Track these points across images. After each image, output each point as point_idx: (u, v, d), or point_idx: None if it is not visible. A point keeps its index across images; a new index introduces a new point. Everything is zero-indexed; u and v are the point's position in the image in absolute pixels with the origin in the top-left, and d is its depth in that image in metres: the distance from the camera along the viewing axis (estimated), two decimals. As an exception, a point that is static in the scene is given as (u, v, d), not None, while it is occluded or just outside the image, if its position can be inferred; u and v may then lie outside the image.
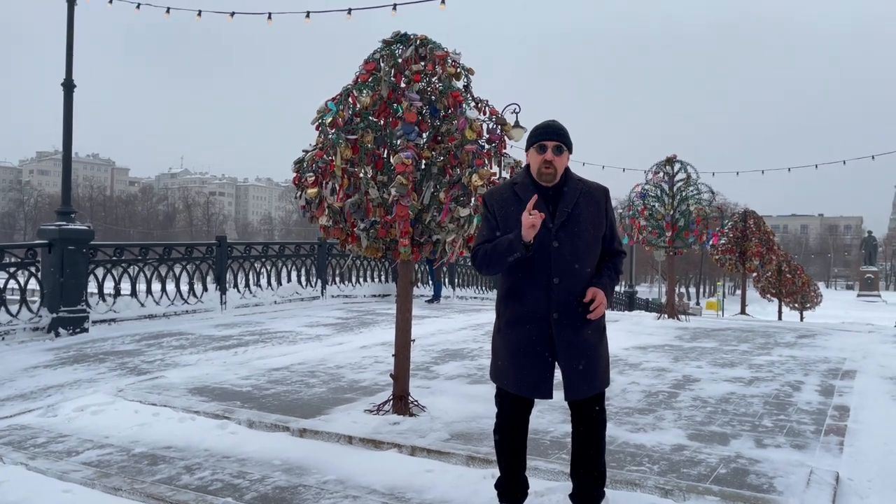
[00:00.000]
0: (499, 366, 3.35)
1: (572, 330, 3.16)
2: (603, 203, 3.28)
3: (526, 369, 3.21)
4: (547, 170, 3.18)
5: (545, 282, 3.13)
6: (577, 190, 3.24)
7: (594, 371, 3.23)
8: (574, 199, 3.21)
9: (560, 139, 3.20)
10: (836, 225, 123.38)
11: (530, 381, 3.22)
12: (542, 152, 3.19)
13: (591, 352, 3.22)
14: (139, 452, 4.57)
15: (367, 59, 5.09)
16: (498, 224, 3.24)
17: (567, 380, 3.19)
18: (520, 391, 3.26)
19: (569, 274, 3.15)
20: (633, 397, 5.87)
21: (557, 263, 3.14)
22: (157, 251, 11.60)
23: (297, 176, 5.06)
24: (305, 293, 13.99)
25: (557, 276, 3.14)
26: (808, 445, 4.58)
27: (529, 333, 3.19)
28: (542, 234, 3.13)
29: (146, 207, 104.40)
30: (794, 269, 26.58)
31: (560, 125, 3.27)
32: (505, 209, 3.24)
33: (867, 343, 9.29)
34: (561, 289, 3.14)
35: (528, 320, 3.19)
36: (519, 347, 3.22)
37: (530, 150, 3.25)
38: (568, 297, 3.14)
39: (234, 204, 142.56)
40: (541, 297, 3.14)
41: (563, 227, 3.16)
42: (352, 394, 5.97)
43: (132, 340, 8.99)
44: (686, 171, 12.30)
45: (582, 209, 3.20)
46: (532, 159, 3.25)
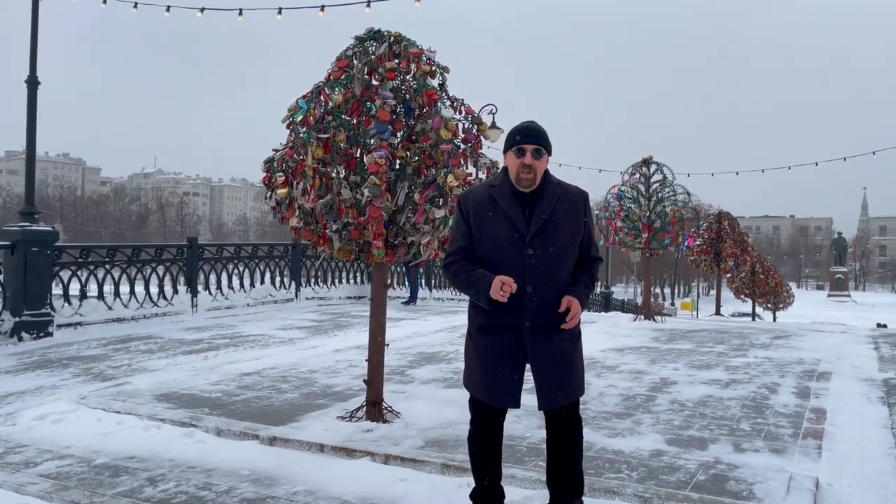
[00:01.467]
0: (470, 372, 3.26)
1: (545, 339, 3.07)
2: (581, 208, 3.18)
3: (496, 378, 3.12)
4: (526, 175, 3.07)
5: (518, 290, 3.01)
6: (555, 195, 3.13)
7: (568, 380, 3.14)
8: (551, 206, 3.10)
9: (539, 142, 3.10)
10: (807, 226, 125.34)
11: (500, 390, 3.13)
12: (521, 156, 3.07)
13: (564, 361, 3.12)
14: (101, 463, 4.38)
15: (339, 55, 4.96)
16: (471, 230, 3.15)
17: (540, 389, 3.11)
18: (489, 399, 3.18)
19: (543, 282, 3.05)
20: (610, 401, 5.80)
21: (531, 271, 3.04)
22: (126, 253, 11.33)
23: (267, 176, 4.91)
24: (279, 295, 13.78)
25: (531, 285, 3.04)
26: (787, 450, 4.53)
27: (501, 341, 3.09)
28: (515, 241, 3.05)
29: (118, 208, 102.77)
30: (767, 270, 26.88)
31: (539, 126, 3.16)
32: (480, 214, 3.14)
33: (841, 344, 9.35)
34: (534, 297, 3.04)
35: (499, 328, 3.09)
36: (489, 355, 3.13)
37: (508, 152, 3.14)
38: (541, 306, 3.05)
39: (209, 204, 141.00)
40: (513, 304, 3.03)
41: (539, 235, 3.06)
42: (325, 399, 5.82)
43: (98, 345, 8.74)
44: (662, 173, 12.32)
45: (559, 215, 3.10)
46: (510, 163, 3.13)
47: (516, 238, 3.04)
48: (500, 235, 3.08)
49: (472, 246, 3.15)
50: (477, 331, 3.18)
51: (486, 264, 3.10)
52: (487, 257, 3.10)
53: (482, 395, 3.18)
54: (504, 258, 3.06)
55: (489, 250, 3.10)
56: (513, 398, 3.13)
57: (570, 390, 3.16)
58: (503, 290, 2.95)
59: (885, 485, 3.97)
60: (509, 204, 3.09)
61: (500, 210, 3.08)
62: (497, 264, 3.06)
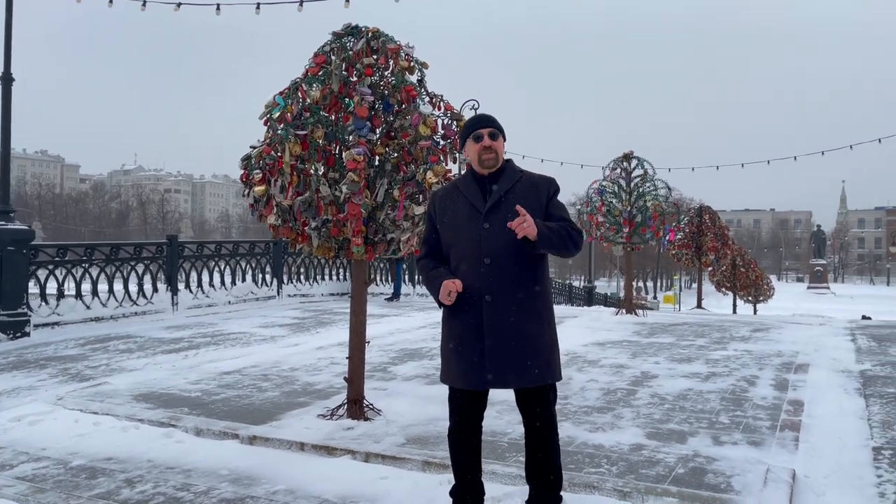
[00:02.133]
0: (444, 361, 3.30)
1: (502, 313, 3.10)
2: (544, 186, 3.24)
3: (461, 359, 3.15)
4: (487, 154, 3.23)
5: (476, 264, 3.12)
6: (513, 178, 3.25)
7: (526, 361, 3.09)
8: (509, 185, 3.22)
9: (492, 125, 3.28)
10: (787, 219, 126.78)
11: (466, 371, 3.14)
12: (479, 140, 3.25)
13: (522, 339, 3.10)
14: (77, 465, 4.33)
15: (316, 52, 4.92)
16: (436, 220, 3.32)
17: (492, 367, 3.08)
18: (458, 383, 3.20)
19: (500, 255, 3.11)
20: (591, 395, 5.82)
21: (487, 244, 3.12)
22: (104, 251, 11.19)
23: (245, 173, 4.86)
24: (261, 293, 13.70)
25: (488, 257, 3.12)
26: (765, 442, 4.57)
27: (464, 319, 3.15)
28: (473, 217, 3.18)
29: (98, 205, 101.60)
30: (747, 263, 27.15)
31: (489, 115, 3.36)
32: (444, 206, 3.31)
33: (819, 336, 9.45)
34: (492, 270, 3.11)
35: (463, 305, 3.15)
36: (455, 336, 3.19)
37: (467, 143, 3.30)
38: (500, 279, 3.10)
39: (191, 201, 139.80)
40: (473, 280, 3.12)
41: (494, 209, 3.16)
42: (306, 398, 5.79)
43: (76, 345, 8.64)
44: (643, 168, 12.40)
45: (517, 193, 3.19)
46: (471, 150, 3.29)
47: (474, 215, 3.17)
48: (460, 215, 3.22)
49: (437, 241, 3.32)
50: (446, 317, 3.27)
51: (449, 245, 3.25)
52: (451, 241, 3.24)
53: (452, 379, 3.22)
54: (462, 235, 3.18)
55: (452, 233, 3.24)
56: (476, 378, 3.12)
57: (524, 373, 3.10)
58: (450, 295, 3.10)
59: (860, 476, 4.01)
60: (469, 187, 3.26)
61: (462, 194, 3.25)
62: (457, 243, 3.20)
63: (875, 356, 7.78)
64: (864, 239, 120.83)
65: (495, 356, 3.08)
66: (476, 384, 3.14)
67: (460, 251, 3.18)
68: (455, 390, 3.25)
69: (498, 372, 3.09)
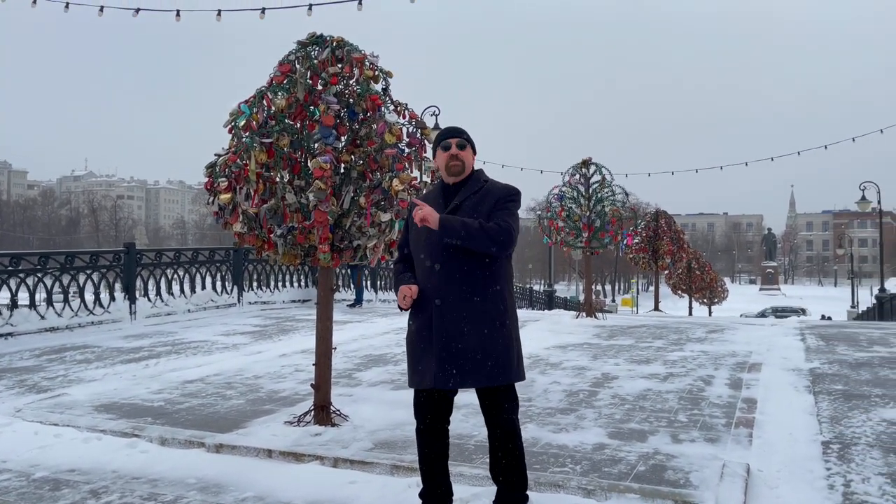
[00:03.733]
0: (408, 363, 3.44)
1: (450, 316, 3.21)
2: (503, 195, 3.32)
3: (417, 361, 3.29)
4: (454, 163, 3.38)
5: (430, 269, 3.28)
6: (475, 187, 3.38)
7: (475, 361, 3.18)
8: (468, 194, 3.35)
9: (460, 136, 3.44)
10: (740, 223, 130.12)
11: (421, 371, 3.27)
12: (448, 149, 3.40)
13: (469, 341, 3.18)
14: (40, 477, 4.26)
15: (281, 60, 4.94)
16: (409, 227, 3.48)
17: (438, 366, 3.18)
18: (417, 383, 3.32)
19: (448, 259, 3.23)
20: (554, 397, 5.95)
21: (437, 250, 3.25)
22: (59, 260, 10.94)
23: (210, 181, 4.86)
24: (221, 300, 13.54)
25: (438, 263, 3.24)
26: (721, 438, 4.75)
27: (419, 323, 3.30)
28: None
29: (47, 212, 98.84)
30: (702, 266, 27.84)
31: (460, 127, 3.50)
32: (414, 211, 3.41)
33: (770, 336, 9.78)
34: (441, 274, 3.24)
35: (418, 310, 3.32)
36: (413, 338, 3.35)
37: (437, 153, 3.45)
38: (449, 284, 3.22)
39: (145, 207, 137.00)
40: (426, 284, 3.27)
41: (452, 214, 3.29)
42: (271, 405, 5.79)
43: (32, 356, 8.44)
44: (601, 174, 12.64)
45: (474, 201, 3.31)
46: (440, 160, 3.44)
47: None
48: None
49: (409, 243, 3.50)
50: (408, 320, 3.44)
51: (413, 250, 3.43)
52: (412, 245, 3.44)
53: (413, 381, 3.35)
54: (421, 240, 3.34)
55: (413, 237, 3.42)
56: (431, 377, 3.21)
57: (479, 373, 3.18)
58: (405, 299, 3.29)
59: (811, 469, 4.21)
60: (436, 195, 3.43)
61: (430, 202, 3.37)
62: (416, 248, 3.38)
63: (823, 355, 8.09)
64: (813, 241, 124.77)
65: (443, 357, 3.20)
66: (426, 383, 3.26)
67: (418, 257, 3.35)
68: (417, 392, 3.37)
69: (445, 372, 3.19)
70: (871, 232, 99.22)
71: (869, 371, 7.05)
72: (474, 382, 3.23)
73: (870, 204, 27.64)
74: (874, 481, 3.96)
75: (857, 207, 29.19)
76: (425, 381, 3.26)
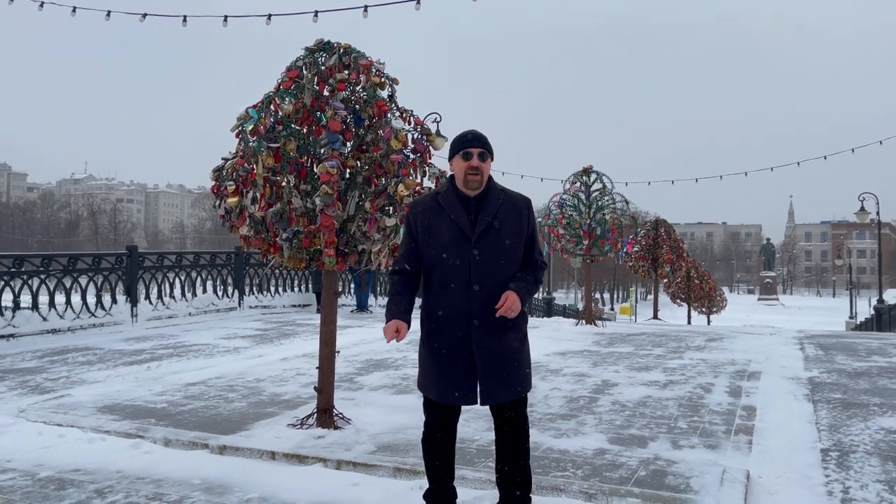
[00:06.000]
0: (424, 374, 3.37)
1: (492, 336, 3.21)
2: (525, 212, 3.35)
3: (448, 377, 3.24)
4: (473, 176, 3.24)
5: (465, 289, 3.19)
6: (498, 200, 3.30)
7: (512, 377, 3.26)
8: (495, 209, 3.27)
9: (483, 146, 3.28)
10: (738, 232, 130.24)
11: (452, 389, 3.24)
12: (468, 159, 3.25)
13: (509, 358, 3.26)
14: (45, 477, 4.29)
15: (289, 66, 5.01)
16: (418, 236, 3.31)
17: (483, 385, 3.22)
18: (441, 398, 3.28)
19: (489, 281, 3.20)
20: (555, 403, 5.98)
21: (477, 271, 3.19)
22: (62, 262, 10.98)
23: (217, 184, 4.92)
24: (222, 304, 13.57)
25: (478, 284, 3.19)
26: (720, 445, 4.79)
27: (451, 341, 3.23)
28: (461, 243, 3.21)
29: (46, 215, 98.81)
30: (701, 275, 27.87)
31: (482, 133, 3.34)
32: (427, 221, 3.29)
33: (769, 345, 9.83)
34: (481, 296, 3.19)
35: (449, 328, 3.23)
36: (441, 355, 3.26)
37: (455, 158, 3.30)
38: (488, 304, 3.19)
39: (144, 211, 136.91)
40: (462, 304, 3.20)
41: (484, 236, 3.23)
42: (273, 408, 5.82)
43: (34, 357, 8.47)
44: (602, 182, 12.72)
45: (503, 218, 3.27)
46: (457, 167, 3.29)
47: (462, 240, 3.21)
48: (447, 239, 3.23)
49: (416, 255, 3.32)
50: (428, 335, 3.32)
51: (433, 267, 3.26)
52: (435, 261, 3.26)
53: (436, 395, 3.30)
54: (451, 260, 3.22)
55: (437, 254, 3.25)
56: (467, 396, 3.24)
57: (514, 387, 3.28)
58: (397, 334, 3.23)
59: (809, 476, 4.25)
60: (455, 209, 3.25)
61: (447, 215, 3.25)
62: (444, 266, 3.23)
63: (822, 364, 8.14)
64: (811, 252, 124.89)
65: (484, 376, 3.21)
66: (463, 401, 3.26)
67: (447, 274, 3.22)
68: (433, 401, 3.34)
69: (487, 390, 3.22)
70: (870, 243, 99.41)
71: (867, 380, 7.09)
72: (511, 396, 3.28)
73: (868, 215, 27.71)
74: (872, 488, 4.01)
75: (855, 218, 29.24)
76: (458, 399, 3.25)
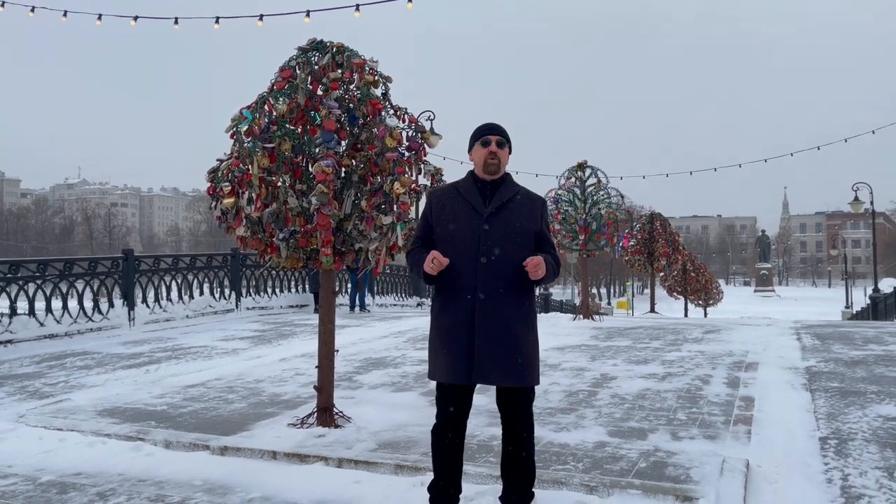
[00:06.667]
0: (433, 358, 3.38)
1: (495, 313, 3.22)
2: (539, 208, 3.44)
3: (452, 354, 3.24)
4: (492, 160, 3.37)
5: (473, 262, 3.24)
6: (514, 189, 3.41)
7: (512, 361, 3.23)
8: (510, 194, 3.38)
9: (501, 134, 3.44)
10: (733, 225, 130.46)
11: (456, 366, 3.24)
12: (487, 146, 3.39)
13: (510, 339, 3.23)
14: (47, 481, 4.29)
15: (282, 66, 5.01)
16: (432, 218, 3.42)
17: (478, 361, 3.20)
18: (449, 378, 3.28)
19: (497, 256, 3.24)
20: (554, 397, 6.00)
21: (485, 244, 3.25)
22: (57, 267, 10.96)
23: (212, 186, 4.92)
24: (219, 306, 13.57)
25: (485, 257, 3.24)
26: (720, 436, 4.82)
27: (457, 316, 3.25)
28: (472, 218, 3.30)
29: (41, 221, 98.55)
30: (697, 268, 27.94)
31: (499, 125, 3.50)
32: (442, 203, 3.42)
33: (766, 336, 9.87)
34: (488, 270, 3.23)
35: (456, 303, 3.27)
36: (447, 331, 3.29)
37: (474, 146, 3.43)
38: (496, 278, 3.23)
39: (139, 215, 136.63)
40: (468, 277, 3.24)
41: (495, 214, 3.31)
42: (273, 408, 5.83)
43: (32, 362, 8.46)
44: (597, 176, 12.73)
45: (517, 203, 3.37)
46: (476, 154, 3.42)
47: (473, 215, 3.31)
48: (459, 214, 3.34)
49: (429, 237, 3.42)
50: (438, 312, 3.37)
51: (444, 241, 3.34)
52: (445, 235, 3.35)
53: (442, 375, 3.30)
54: (460, 233, 3.30)
55: (447, 228, 3.35)
56: (465, 373, 3.23)
57: (514, 374, 3.24)
58: (434, 263, 3.21)
59: (808, 464, 4.27)
60: (470, 190, 3.39)
61: (462, 196, 3.38)
62: (453, 239, 3.30)
63: (819, 353, 8.18)
64: (806, 243, 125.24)
65: (483, 353, 3.21)
66: (461, 378, 3.25)
67: (457, 248, 3.27)
68: (443, 386, 3.36)
69: (484, 368, 3.21)
70: (865, 233, 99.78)
71: (864, 369, 7.13)
72: (511, 381, 3.26)
73: (863, 205, 27.83)
74: (871, 475, 4.03)
75: (850, 208, 29.35)
76: (456, 376, 3.25)
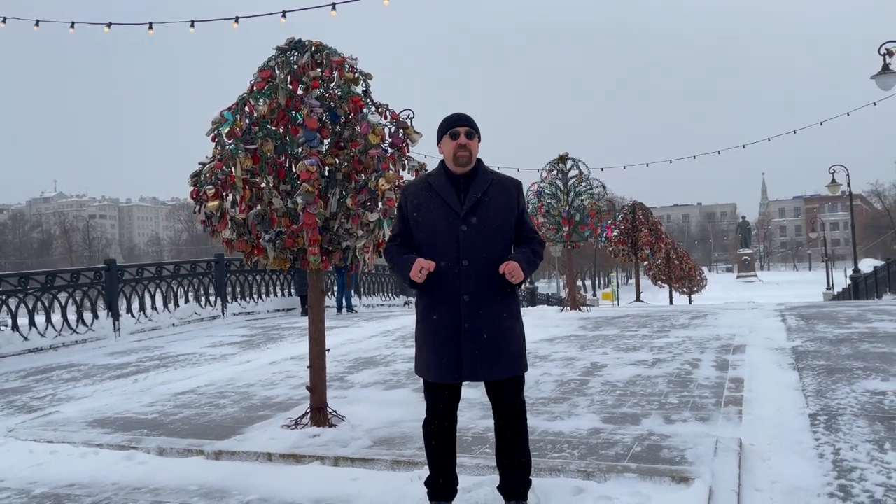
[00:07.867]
0: (420, 356, 3.39)
1: (480, 313, 3.22)
2: (514, 193, 3.39)
3: (442, 356, 3.25)
4: (462, 153, 3.30)
5: (455, 265, 3.21)
6: (488, 179, 3.35)
7: (499, 355, 3.26)
8: (484, 187, 3.32)
9: (469, 124, 3.35)
10: (714, 212, 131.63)
11: (446, 367, 3.25)
12: (456, 138, 3.31)
13: (498, 335, 3.26)
14: (40, 493, 4.24)
15: (261, 66, 4.98)
16: (408, 216, 3.37)
17: (469, 361, 3.22)
18: (437, 378, 3.30)
19: (478, 257, 3.23)
20: (546, 388, 6.03)
21: (465, 246, 3.23)
22: (39, 280, 10.82)
23: (195, 189, 4.88)
24: (205, 313, 13.48)
25: (466, 259, 3.22)
26: (711, 417, 4.86)
27: (442, 318, 3.25)
28: (450, 219, 3.25)
29: (18, 236, 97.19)
30: (681, 256, 28.17)
31: (467, 115, 3.42)
32: (417, 200, 3.36)
33: (752, 319, 9.98)
34: (470, 271, 3.22)
35: (441, 305, 3.25)
36: (434, 334, 3.28)
37: (443, 139, 3.36)
38: (478, 280, 3.22)
39: (118, 226, 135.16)
40: (451, 280, 3.22)
41: (472, 212, 3.26)
42: (266, 411, 5.80)
43: (17, 377, 8.35)
44: (578, 168, 12.79)
45: (492, 195, 3.31)
46: (446, 147, 3.35)
47: (450, 215, 3.26)
48: (436, 215, 3.28)
49: (408, 233, 3.38)
50: (422, 314, 3.35)
51: (423, 244, 3.30)
52: (424, 237, 3.30)
53: (431, 375, 3.31)
54: (439, 235, 3.25)
55: (425, 230, 3.30)
56: (456, 373, 3.25)
57: (503, 367, 3.27)
58: (421, 272, 3.18)
59: (799, 441, 4.33)
60: (444, 187, 3.31)
61: (436, 193, 3.31)
62: (432, 242, 3.26)
63: (804, 333, 8.28)
64: (786, 227, 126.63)
65: (471, 353, 3.22)
66: (452, 378, 3.27)
67: (437, 251, 3.24)
68: (430, 383, 3.37)
69: (474, 367, 3.23)
70: (843, 215, 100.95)
71: (849, 346, 7.23)
72: (500, 375, 3.28)
73: (840, 187, 28.12)
74: (862, 448, 4.09)
75: (827, 191, 29.65)
76: (448, 376, 3.26)
